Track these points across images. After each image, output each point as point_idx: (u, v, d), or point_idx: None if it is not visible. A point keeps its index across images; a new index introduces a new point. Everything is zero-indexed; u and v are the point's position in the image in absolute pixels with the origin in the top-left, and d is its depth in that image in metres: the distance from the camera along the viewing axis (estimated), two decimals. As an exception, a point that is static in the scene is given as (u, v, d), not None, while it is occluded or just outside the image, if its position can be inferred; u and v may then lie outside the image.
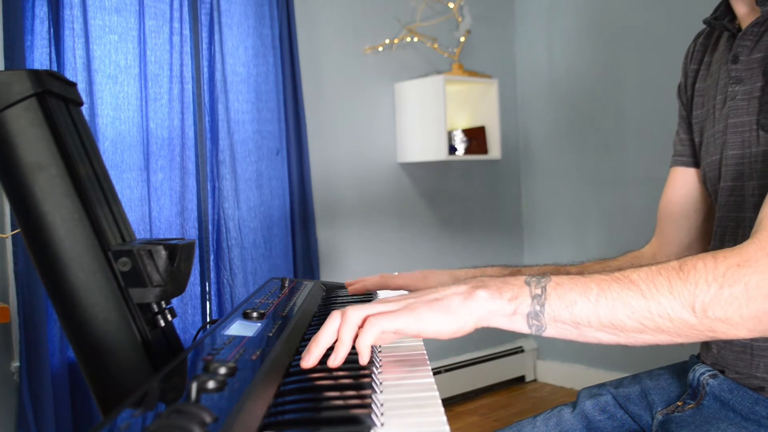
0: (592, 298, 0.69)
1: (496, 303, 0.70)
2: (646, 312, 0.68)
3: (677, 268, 0.69)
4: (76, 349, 0.67)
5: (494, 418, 2.96)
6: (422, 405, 0.62)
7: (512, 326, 0.71)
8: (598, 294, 0.69)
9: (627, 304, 0.68)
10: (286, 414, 0.58)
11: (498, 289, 0.70)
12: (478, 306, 0.69)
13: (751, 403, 0.86)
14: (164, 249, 0.68)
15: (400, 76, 3.05)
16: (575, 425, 0.99)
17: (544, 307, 0.70)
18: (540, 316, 0.70)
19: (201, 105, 2.48)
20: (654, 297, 0.68)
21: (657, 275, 0.69)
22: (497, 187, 3.45)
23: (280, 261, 2.60)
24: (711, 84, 1.02)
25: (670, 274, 0.69)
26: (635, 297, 0.68)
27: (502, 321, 0.70)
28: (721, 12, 1.00)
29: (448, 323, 0.68)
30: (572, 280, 0.71)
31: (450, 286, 0.72)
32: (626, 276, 0.70)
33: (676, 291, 0.68)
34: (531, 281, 0.71)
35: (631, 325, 0.69)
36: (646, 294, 0.68)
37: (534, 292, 0.70)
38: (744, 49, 0.92)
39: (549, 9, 3.35)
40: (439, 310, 0.69)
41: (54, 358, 2.10)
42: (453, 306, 0.69)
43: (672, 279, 0.68)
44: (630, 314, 0.68)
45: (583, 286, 0.70)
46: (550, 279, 0.71)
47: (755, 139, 0.89)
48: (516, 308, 0.70)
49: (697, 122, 1.06)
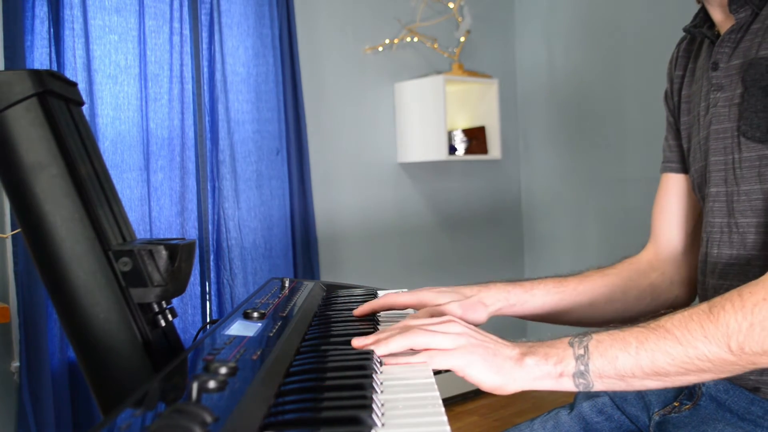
0: (632, 351, 0.73)
1: (542, 369, 0.74)
2: (685, 357, 0.72)
3: (707, 312, 0.72)
4: (76, 349, 0.67)
5: (494, 418, 2.96)
6: (422, 405, 0.62)
7: (560, 387, 0.75)
8: (638, 347, 0.73)
9: (666, 352, 0.72)
10: (287, 414, 0.58)
11: (545, 355, 0.75)
12: (526, 373, 0.74)
13: (747, 403, 0.86)
14: (165, 249, 0.68)
15: (400, 76, 3.05)
16: (573, 427, 0.99)
17: (588, 365, 0.74)
18: (586, 375, 0.74)
19: (201, 105, 2.48)
20: (690, 343, 0.72)
21: (689, 321, 0.73)
22: (497, 187, 3.45)
23: (280, 261, 2.60)
24: (696, 91, 1.02)
25: (701, 318, 0.72)
26: (672, 345, 0.72)
27: (550, 383, 0.75)
28: (700, 19, 1.01)
29: (494, 381, 0.73)
30: (611, 336, 0.75)
31: (506, 345, 0.77)
32: (661, 326, 0.74)
33: (710, 334, 0.71)
34: (574, 342, 0.75)
35: (674, 371, 0.73)
36: (682, 341, 0.72)
37: (577, 353, 0.75)
38: (723, 56, 0.93)
39: (549, 9, 3.36)
40: (491, 367, 0.73)
41: (54, 358, 2.10)
42: (505, 368, 0.74)
43: (704, 323, 0.72)
44: (671, 362, 0.72)
45: (622, 341, 0.74)
46: (591, 338, 0.75)
47: (737, 145, 0.89)
48: (562, 371, 0.74)
49: (684, 129, 1.06)
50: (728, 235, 0.92)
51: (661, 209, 1.13)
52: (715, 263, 0.94)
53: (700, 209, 1.08)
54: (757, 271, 0.87)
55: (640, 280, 1.11)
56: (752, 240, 0.89)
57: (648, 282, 1.11)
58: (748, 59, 0.88)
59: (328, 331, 0.89)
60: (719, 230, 0.94)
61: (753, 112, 0.87)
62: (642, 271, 1.12)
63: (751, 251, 0.89)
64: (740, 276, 0.90)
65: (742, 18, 0.90)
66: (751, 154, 0.87)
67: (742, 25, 0.90)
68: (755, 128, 0.86)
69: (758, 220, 0.88)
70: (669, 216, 1.12)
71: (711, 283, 0.95)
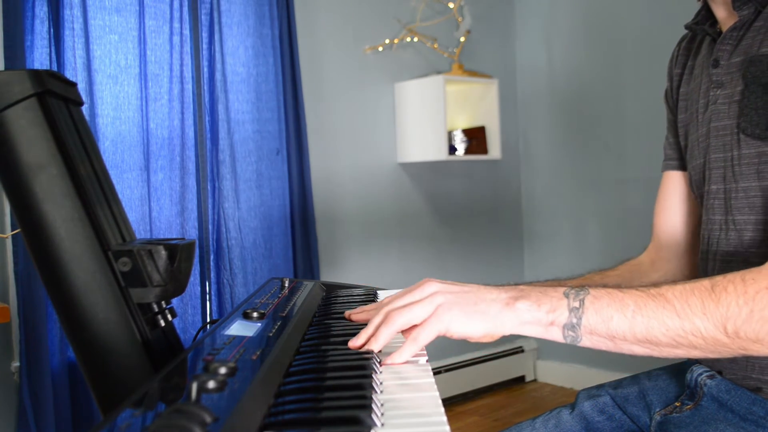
0: (629, 314, 0.72)
1: (533, 313, 0.73)
2: (680, 330, 0.71)
3: (709, 289, 0.72)
4: (76, 349, 0.67)
5: (494, 418, 2.96)
6: (422, 405, 0.62)
7: (547, 335, 0.74)
8: (635, 311, 0.72)
9: (662, 322, 0.72)
10: (287, 414, 0.58)
11: (537, 300, 0.73)
12: (516, 315, 0.72)
13: (749, 403, 0.86)
14: (164, 249, 0.68)
15: (400, 76, 3.05)
16: (574, 426, 0.99)
17: (581, 319, 0.73)
18: (576, 328, 0.73)
19: (201, 105, 2.48)
20: (688, 317, 0.71)
21: (690, 295, 0.72)
22: (497, 187, 3.45)
23: (280, 261, 2.60)
24: (694, 88, 1.02)
25: (703, 294, 0.72)
26: (670, 316, 0.72)
27: (538, 330, 0.74)
28: (702, 16, 1.01)
29: (481, 327, 0.72)
30: (610, 294, 0.74)
31: (490, 291, 0.75)
32: (661, 294, 0.73)
33: (709, 312, 0.71)
34: (570, 293, 0.74)
35: (665, 341, 0.72)
36: (680, 313, 0.71)
37: (572, 305, 0.73)
38: (724, 54, 0.93)
39: (549, 9, 3.36)
40: (473, 315, 0.72)
41: (54, 358, 2.10)
42: (490, 312, 0.72)
43: (705, 300, 0.71)
44: (665, 332, 0.72)
45: (620, 302, 0.73)
46: (588, 292, 0.74)
47: (736, 142, 0.89)
48: (553, 319, 0.73)
49: (682, 126, 1.06)
50: (725, 233, 0.92)
51: (662, 208, 1.13)
52: (714, 260, 0.94)
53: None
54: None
55: (642, 281, 1.10)
56: (750, 237, 0.89)
57: (649, 282, 1.10)
58: (749, 56, 0.89)
59: (327, 331, 0.89)
60: (718, 227, 0.94)
61: (753, 109, 0.87)
62: (643, 272, 1.12)
63: (749, 248, 0.89)
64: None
65: (745, 15, 0.90)
66: (751, 151, 0.87)
67: (745, 23, 0.90)
68: (755, 125, 0.86)
69: (756, 217, 0.88)
70: (670, 214, 1.11)
71: None
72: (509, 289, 0.75)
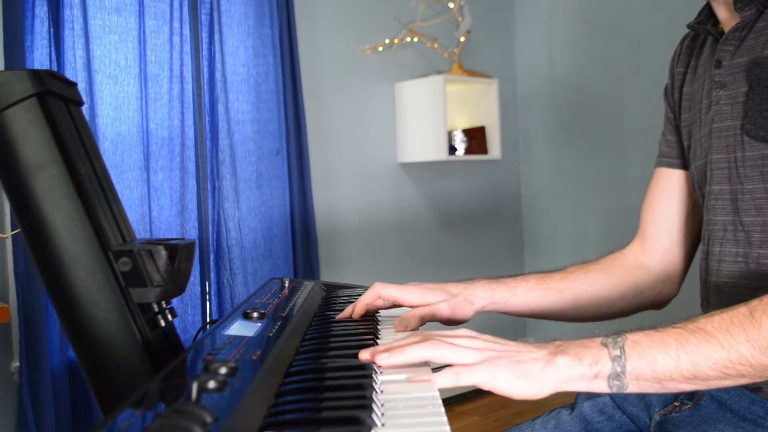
0: (672, 354, 0.71)
1: (576, 370, 0.71)
2: (726, 362, 0.70)
3: (749, 316, 0.71)
4: (76, 349, 0.67)
5: (494, 418, 2.96)
6: (423, 405, 0.62)
7: (593, 388, 0.72)
8: (677, 349, 0.71)
9: (707, 356, 0.70)
10: (287, 414, 0.58)
11: (577, 355, 0.71)
12: (559, 373, 0.70)
13: (748, 403, 0.86)
14: (164, 249, 0.68)
15: (400, 76, 3.05)
16: (574, 427, 0.99)
17: (625, 367, 0.71)
18: (622, 377, 0.71)
19: (201, 105, 2.48)
20: (733, 347, 0.70)
21: (731, 324, 0.71)
22: (497, 187, 3.45)
23: (280, 261, 2.60)
24: (697, 88, 1.02)
25: (743, 322, 0.71)
26: (714, 349, 0.70)
27: (583, 385, 0.72)
28: (705, 16, 1.00)
29: (525, 388, 0.70)
30: (648, 336, 0.72)
31: (530, 349, 0.73)
32: (701, 328, 0.72)
33: (753, 339, 0.70)
34: (608, 342, 0.72)
35: (713, 375, 0.71)
36: (724, 345, 0.70)
37: (613, 354, 0.71)
38: (726, 54, 0.92)
39: (549, 9, 3.36)
40: (517, 374, 0.70)
41: (54, 358, 2.10)
42: (533, 373, 0.70)
43: (746, 327, 0.70)
44: (712, 366, 0.70)
45: (661, 342, 0.71)
46: (626, 338, 0.72)
47: (740, 143, 0.89)
48: (597, 372, 0.71)
49: (685, 126, 1.06)
50: (733, 233, 0.92)
51: (650, 204, 1.12)
52: (718, 261, 0.94)
53: (692, 206, 1.08)
54: (765, 269, 0.87)
55: (625, 278, 1.10)
56: (758, 238, 0.89)
57: (633, 280, 1.10)
58: (753, 58, 0.88)
59: (327, 331, 0.89)
60: (722, 228, 0.93)
61: (757, 111, 0.86)
62: (627, 269, 1.11)
63: (758, 249, 0.89)
64: (746, 274, 0.90)
65: (747, 16, 0.90)
66: (755, 153, 0.87)
67: (747, 23, 0.90)
68: (759, 127, 0.86)
69: (763, 219, 0.88)
70: (660, 211, 1.11)
71: (713, 281, 0.95)
72: (546, 345, 0.74)
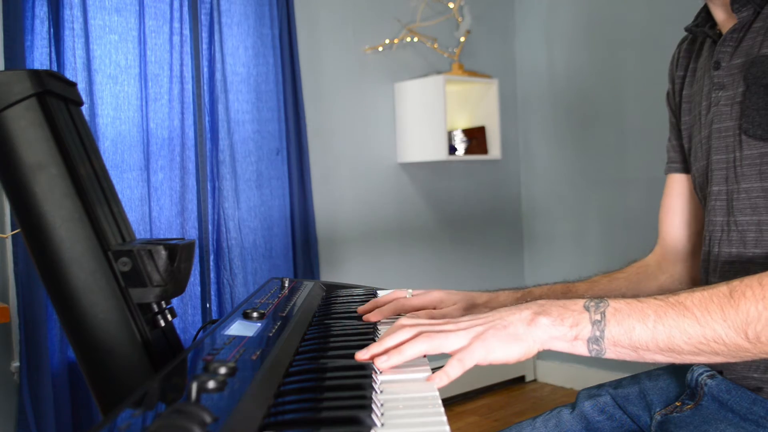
0: (650, 324, 0.72)
1: (558, 329, 0.73)
2: (701, 338, 0.71)
3: (728, 295, 0.72)
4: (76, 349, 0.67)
5: (494, 418, 2.96)
6: (422, 405, 0.62)
7: (572, 350, 0.74)
8: (656, 320, 0.72)
9: (683, 330, 0.72)
10: (286, 414, 0.58)
11: (559, 315, 0.74)
12: (542, 332, 0.73)
13: (749, 403, 0.86)
14: (164, 249, 0.68)
15: (400, 76, 3.05)
16: (574, 426, 0.99)
17: (604, 332, 0.73)
18: (600, 341, 0.73)
19: (201, 105, 2.48)
20: (709, 324, 0.71)
21: (710, 302, 0.72)
22: (497, 187, 3.45)
23: (280, 261, 2.60)
24: (697, 90, 1.02)
25: (722, 301, 0.72)
26: (691, 324, 0.72)
27: (563, 345, 0.74)
28: (702, 19, 1.01)
29: (517, 350, 0.72)
30: (629, 305, 0.74)
31: (512, 312, 0.75)
32: (680, 302, 0.73)
33: (729, 318, 0.71)
34: (590, 306, 0.74)
35: (687, 349, 0.72)
36: (701, 321, 0.71)
37: (594, 318, 0.73)
38: (725, 55, 0.93)
39: (549, 9, 3.36)
40: (508, 340, 0.72)
41: (54, 358, 2.10)
42: (519, 333, 0.72)
43: (724, 306, 0.71)
44: (686, 340, 0.72)
45: (640, 312, 0.73)
46: (608, 304, 0.74)
47: (738, 143, 0.90)
48: (577, 334, 0.73)
49: (685, 128, 1.06)
50: (727, 234, 0.92)
51: (667, 210, 1.13)
52: (716, 262, 0.94)
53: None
54: (758, 269, 0.87)
55: (650, 284, 1.11)
56: (752, 238, 0.89)
57: (657, 284, 1.11)
58: (750, 57, 0.89)
59: (327, 331, 0.89)
60: (720, 229, 0.94)
61: (755, 110, 0.87)
62: (650, 274, 1.12)
63: (752, 249, 0.89)
64: (741, 274, 0.90)
65: (744, 17, 0.90)
66: (753, 152, 0.88)
67: (744, 24, 0.91)
68: (757, 126, 0.86)
69: (758, 218, 0.88)
70: (675, 217, 1.12)
71: (713, 282, 0.95)
72: (529, 305, 0.76)
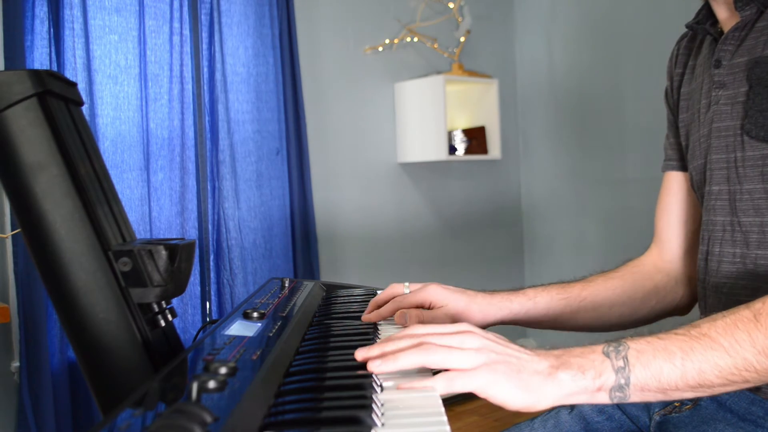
0: (678, 363, 0.68)
1: (578, 384, 0.68)
2: (733, 368, 0.68)
3: (753, 320, 0.69)
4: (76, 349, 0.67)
5: (494, 418, 2.96)
6: (423, 405, 0.62)
7: (594, 401, 0.69)
8: (683, 357, 0.68)
9: (714, 364, 0.68)
10: (287, 414, 0.58)
11: (580, 368, 0.68)
12: (559, 389, 0.67)
13: (748, 403, 0.86)
14: (164, 249, 0.68)
15: (400, 76, 3.05)
16: (573, 427, 0.99)
17: (629, 379, 0.68)
18: (625, 389, 0.68)
19: (201, 105, 2.48)
20: (738, 353, 0.68)
21: (735, 329, 0.69)
22: (497, 187, 3.45)
23: (280, 261, 2.61)
24: (696, 88, 1.02)
25: (747, 327, 0.69)
26: (720, 356, 0.68)
27: (584, 398, 0.69)
28: (703, 16, 1.00)
29: (521, 399, 0.66)
30: (651, 344, 0.70)
31: (530, 358, 0.69)
32: (704, 334, 0.69)
33: (758, 344, 0.68)
34: (610, 352, 0.69)
35: (719, 382, 0.69)
36: (730, 351, 0.68)
37: (617, 365, 0.69)
38: (726, 54, 0.92)
39: (549, 9, 3.36)
40: (516, 385, 0.66)
41: (54, 358, 2.10)
42: (532, 384, 0.67)
43: (751, 332, 0.68)
44: (717, 373, 0.68)
45: (665, 351, 0.69)
46: (628, 347, 0.70)
47: (740, 144, 0.89)
48: (601, 385, 0.68)
49: (683, 126, 1.05)
50: (731, 234, 0.92)
51: (663, 209, 1.12)
52: (717, 261, 0.94)
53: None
54: (762, 270, 0.87)
55: (645, 283, 1.10)
56: (755, 239, 0.88)
57: (653, 284, 1.10)
58: (753, 57, 0.88)
59: (327, 331, 0.89)
60: (721, 228, 0.93)
61: (758, 111, 0.86)
62: (646, 273, 1.11)
63: (755, 250, 0.89)
64: (744, 275, 0.90)
65: (748, 16, 0.90)
66: (755, 153, 0.87)
67: (747, 23, 0.90)
68: (760, 127, 0.86)
69: (761, 219, 0.88)
70: (672, 215, 1.11)
71: (712, 281, 0.95)
72: (547, 356, 0.70)
